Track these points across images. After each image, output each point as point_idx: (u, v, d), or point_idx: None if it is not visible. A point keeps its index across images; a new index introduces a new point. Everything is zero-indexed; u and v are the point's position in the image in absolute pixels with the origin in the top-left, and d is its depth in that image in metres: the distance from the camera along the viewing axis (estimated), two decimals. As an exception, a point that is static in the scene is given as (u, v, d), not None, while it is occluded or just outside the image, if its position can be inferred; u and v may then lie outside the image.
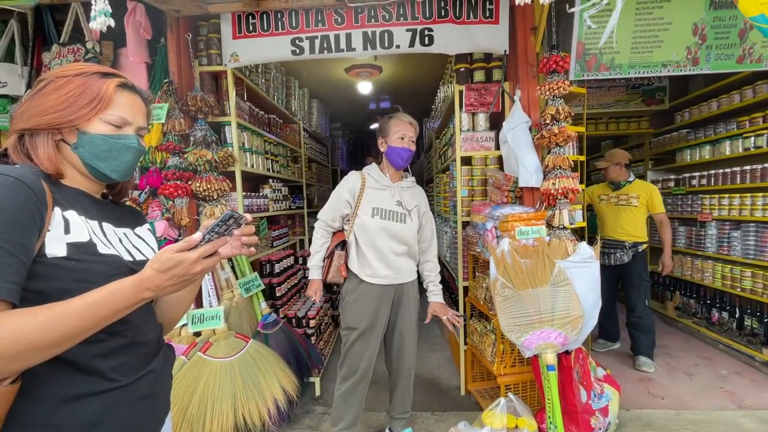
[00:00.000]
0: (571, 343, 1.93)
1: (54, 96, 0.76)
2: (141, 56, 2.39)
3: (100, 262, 0.75)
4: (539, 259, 2.00)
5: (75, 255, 0.72)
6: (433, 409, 2.51)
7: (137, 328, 0.82)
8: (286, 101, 3.78)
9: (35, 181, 0.71)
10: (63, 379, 0.71)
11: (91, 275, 0.73)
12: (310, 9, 2.35)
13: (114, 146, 0.81)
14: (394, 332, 2.03)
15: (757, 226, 3.10)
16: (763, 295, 2.96)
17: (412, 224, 1.99)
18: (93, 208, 0.82)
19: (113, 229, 0.84)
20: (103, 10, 1.44)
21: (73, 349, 0.69)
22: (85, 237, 0.74)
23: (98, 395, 0.73)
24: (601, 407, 2.08)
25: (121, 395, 0.76)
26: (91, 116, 0.78)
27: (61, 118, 0.76)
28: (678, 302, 3.97)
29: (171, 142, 2.34)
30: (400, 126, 1.94)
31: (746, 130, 3.21)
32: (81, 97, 0.77)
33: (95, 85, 0.79)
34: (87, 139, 0.79)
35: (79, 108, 0.77)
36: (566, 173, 2.11)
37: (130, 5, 2.30)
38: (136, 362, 0.80)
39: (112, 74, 0.83)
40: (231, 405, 2.06)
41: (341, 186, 1.99)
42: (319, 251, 2.01)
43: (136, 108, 0.85)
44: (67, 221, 0.73)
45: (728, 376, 2.83)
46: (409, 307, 2.03)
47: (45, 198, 0.71)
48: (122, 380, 0.76)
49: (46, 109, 0.76)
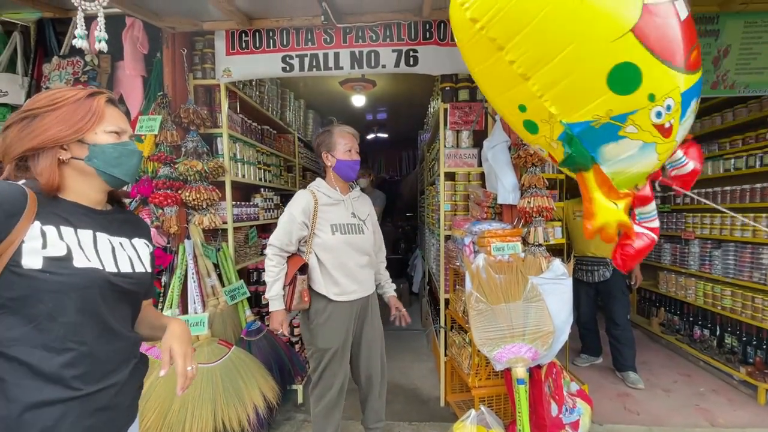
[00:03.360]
0: (542, 357, 1.98)
1: (52, 116, 0.85)
2: (137, 70, 2.49)
3: (75, 275, 0.81)
4: (513, 275, 2.06)
5: (50, 268, 0.79)
6: (412, 419, 2.55)
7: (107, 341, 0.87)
8: (280, 112, 3.88)
9: (12, 196, 0.77)
10: (30, 385, 0.77)
11: (64, 287, 0.80)
12: (301, 28, 2.45)
13: (122, 152, 0.91)
14: (360, 345, 2.03)
15: (737, 245, 3.16)
16: (742, 314, 3.01)
17: (369, 233, 1.99)
18: (87, 218, 0.89)
19: (107, 238, 0.90)
20: (99, 36, 1.57)
21: (41, 357, 0.76)
22: (62, 251, 0.81)
23: (59, 403, 0.79)
24: (571, 421, 2.13)
25: (80, 404, 0.81)
26: (91, 129, 0.87)
27: (65, 131, 0.84)
28: (663, 318, 4.01)
29: (163, 152, 2.42)
30: (346, 138, 1.94)
31: (727, 152, 3.29)
32: (77, 112, 0.86)
33: (86, 102, 0.88)
34: (99, 150, 0.88)
35: (77, 121, 0.86)
36: (541, 192, 2.19)
37: (128, 21, 2.40)
38: (100, 372, 0.85)
39: (98, 92, 0.92)
40: (211, 410, 2.12)
41: (292, 207, 1.88)
42: (277, 279, 1.86)
43: (122, 118, 0.96)
44: (45, 236, 0.79)
45: (705, 393, 2.87)
46: (373, 318, 2.05)
47: (19, 212, 0.77)
48: (83, 389, 0.81)
49: (49, 128, 0.84)
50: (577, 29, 1.11)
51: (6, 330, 0.76)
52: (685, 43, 1.14)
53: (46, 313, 0.78)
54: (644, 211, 1.42)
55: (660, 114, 1.16)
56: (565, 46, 1.13)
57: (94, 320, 0.84)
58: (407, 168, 8.21)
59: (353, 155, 1.95)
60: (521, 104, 1.33)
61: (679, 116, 1.20)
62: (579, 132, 1.24)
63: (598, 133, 1.23)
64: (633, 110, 1.16)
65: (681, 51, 1.14)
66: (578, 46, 1.12)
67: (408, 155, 8.20)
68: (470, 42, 1.30)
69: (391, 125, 6.52)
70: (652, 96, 1.14)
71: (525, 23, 1.14)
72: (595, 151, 1.26)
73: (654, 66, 1.11)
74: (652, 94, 1.14)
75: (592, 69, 1.15)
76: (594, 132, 1.23)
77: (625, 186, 1.33)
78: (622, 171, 1.29)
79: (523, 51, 1.19)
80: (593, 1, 1.08)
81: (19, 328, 0.77)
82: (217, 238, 2.67)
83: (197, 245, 2.46)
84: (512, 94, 1.33)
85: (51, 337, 0.79)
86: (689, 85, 1.18)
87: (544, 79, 1.21)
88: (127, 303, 0.95)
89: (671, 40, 1.12)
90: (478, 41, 1.26)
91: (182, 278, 2.41)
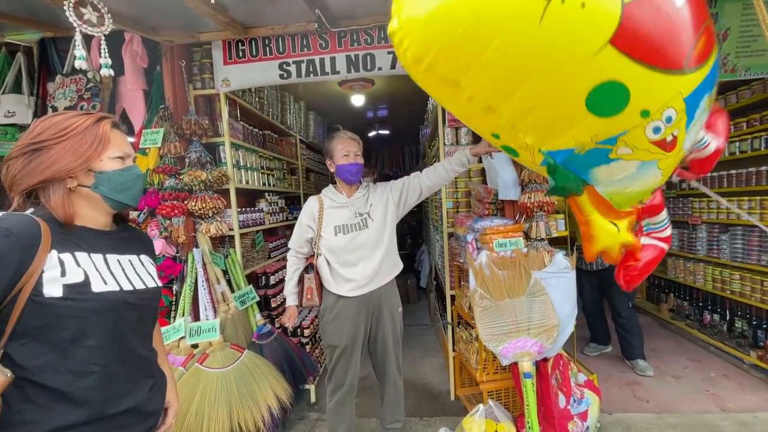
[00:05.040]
0: (547, 351, 2.01)
1: (60, 147, 0.86)
2: (138, 84, 2.54)
3: (94, 300, 0.85)
4: (516, 271, 2.08)
5: (70, 295, 0.82)
6: (423, 414, 2.60)
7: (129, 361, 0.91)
8: (281, 116, 3.91)
9: (28, 229, 0.80)
10: (59, 409, 0.80)
11: (85, 312, 0.84)
12: (296, 34, 2.47)
13: (128, 178, 0.94)
14: (377, 344, 2.09)
15: (744, 229, 3.13)
16: (752, 297, 3.00)
17: (374, 224, 2.01)
18: (98, 241, 0.92)
19: (117, 259, 0.94)
20: (104, 63, 1.63)
21: (68, 382, 0.80)
22: (80, 277, 0.84)
23: (85, 425, 0.82)
24: (580, 412, 2.15)
25: (104, 425, 0.85)
26: (98, 157, 0.89)
27: (74, 162, 0.86)
28: (672, 304, 4.00)
29: (167, 164, 2.48)
30: (343, 143, 2.00)
31: (731, 135, 3.25)
32: (84, 141, 0.88)
33: (93, 129, 0.90)
34: (105, 177, 0.90)
35: (85, 150, 0.87)
36: (541, 187, 2.20)
37: (127, 36, 2.44)
38: (122, 392, 0.89)
39: (103, 117, 0.94)
40: (227, 413, 2.18)
41: (302, 213, 2.07)
42: (291, 278, 2.09)
43: (126, 141, 0.98)
44: (63, 263, 0.83)
45: (716, 378, 2.87)
46: (389, 318, 2.07)
47: (36, 243, 0.80)
48: (108, 411, 0.85)
49: (58, 159, 0.85)
50: (539, 55, 0.91)
51: (33, 358, 0.79)
52: (686, 35, 0.91)
53: (69, 339, 0.82)
54: (654, 222, 1.24)
55: (658, 129, 0.97)
56: (527, 76, 0.96)
57: (115, 341, 0.88)
58: (410, 163, 8.21)
59: (351, 158, 1.99)
60: (494, 133, 1.19)
61: (685, 123, 0.99)
62: (563, 160, 1.08)
63: (586, 159, 1.06)
64: (623, 131, 0.98)
65: (682, 48, 0.91)
66: (543, 74, 0.94)
67: (411, 150, 8.20)
68: (423, 82, 1.14)
69: (393, 121, 6.52)
70: (646, 112, 0.95)
71: (475, 56, 0.95)
72: (586, 173, 1.09)
73: (645, 78, 0.91)
74: (646, 110, 0.95)
75: (564, 96, 0.97)
76: (580, 158, 1.06)
77: (626, 205, 1.17)
78: (621, 191, 1.12)
79: (480, 86, 1.02)
80: (552, 20, 0.85)
81: (45, 355, 0.80)
82: (225, 244, 2.73)
83: (205, 253, 2.51)
84: (481, 125, 1.21)
85: (75, 361, 0.82)
86: (697, 83, 0.96)
87: (511, 112, 1.05)
88: (143, 320, 0.98)
89: (667, 39, 0.89)
90: (430, 80, 1.10)
91: (193, 286, 2.47)
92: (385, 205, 2.06)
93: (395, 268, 2.11)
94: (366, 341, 2.07)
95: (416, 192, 2.08)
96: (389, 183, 2.13)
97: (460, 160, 2.01)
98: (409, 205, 2.13)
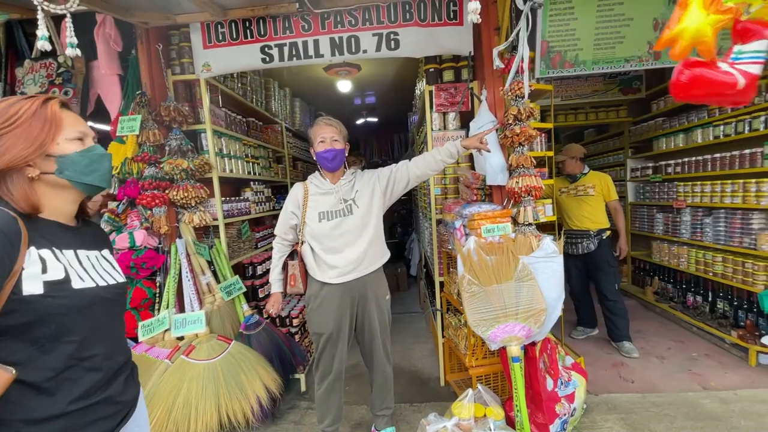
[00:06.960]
0: (535, 335, 2.02)
1: (10, 135, 0.80)
2: (113, 69, 2.43)
3: (75, 296, 0.83)
4: (504, 256, 2.08)
5: (51, 292, 0.79)
6: (413, 400, 2.61)
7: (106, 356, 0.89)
8: (265, 103, 3.81)
9: (10, 225, 0.76)
10: (34, 404, 0.78)
11: (65, 309, 0.81)
12: (277, 16, 2.39)
13: (92, 159, 0.89)
14: (364, 331, 2.07)
15: (727, 212, 3.18)
16: (733, 279, 3.06)
17: (359, 211, 1.97)
18: (68, 236, 0.88)
19: (86, 254, 0.91)
20: (71, 42, 1.52)
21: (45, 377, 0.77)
22: (60, 274, 0.81)
23: (61, 417, 0.80)
24: (567, 394, 2.18)
25: (82, 416, 0.83)
26: (53, 140, 0.84)
27: (27, 148, 0.80)
28: (657, 287, 4.08)
29: (146, 152, 2.39)
30: (318, 130, 1.97)
31: (716, 119, 3.27)
32: (34, 126, 0.82)
33: (40, 112, 0.83)
34: (67, 161, 0.85)
35: (37, 135, 0.81)
36: (529, 171, 2.18)
37: (99, 18, 2.33)
38: (100, 385, 0.87)
39: (49, 98, 0.87)
40: (215, 404, 2.16)
41: (287, 199, 2.05)
42: (276, 265, 2.09)
43: (81, 121, 0.92)
44: (44, 260, 0.80)
45: (698, 358, 2.94)
46: (376, 306, 2.04)
47: (19, 240, 0.76)
48: (84, 403, 0.83)
49: (10, 148, 0.79)
50: None
51: (10, 355, 0.77)
52: None
53: (49, 335, 0.79)
54: (744, 50, 1.09)
55: None
56: None
57: (94, 336, 0.86)
58: (399, 151, 8.15)
59: (327, 144, 1.94)
60: None
61: None
62: None
63: None
64: None
65: None
66: None
67: (399, 138, 8.13)
68: None
69: (381, 109, 6.44)
70: None
71: None
72: None
73: None
74: None
75: None
76: None
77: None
78: None
79: None
80: None
81: (22, 351, 0.78)
82: (209, 235, 2.67)
83: (189, 244, 2.45)
84: None
85: (54, 357, 0.80)
86: None
87: None
88: (117, 314, 0.98)
89: None
90: None
91: (177, 278, 2.42)
92: (371, 193, 2.02)
93: (382, 257, 2.08)
94: (353, 329, 2.06)
95: (404, 180, 2.05)
96: (377, 170, 2.09)
97: (449, 151, 2.00)
98: (397, 193, 2.09)
